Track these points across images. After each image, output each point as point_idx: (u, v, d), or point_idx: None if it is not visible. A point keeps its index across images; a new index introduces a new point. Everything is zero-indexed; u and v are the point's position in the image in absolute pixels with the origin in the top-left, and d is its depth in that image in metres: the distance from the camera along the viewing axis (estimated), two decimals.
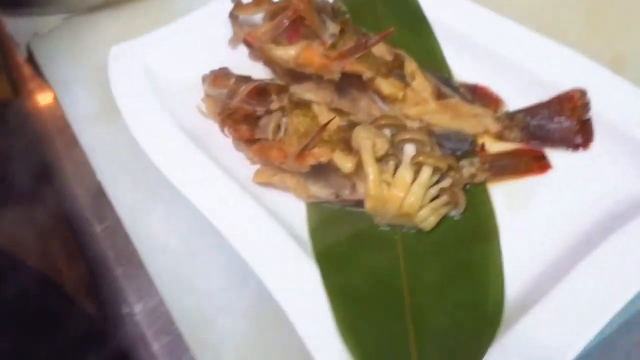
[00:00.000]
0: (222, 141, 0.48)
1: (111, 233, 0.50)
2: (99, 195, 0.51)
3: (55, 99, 0.59)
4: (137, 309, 0.46)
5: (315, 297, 0.38)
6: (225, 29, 0.54)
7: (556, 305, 0.35)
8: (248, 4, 0.51)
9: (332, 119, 0.41)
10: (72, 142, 0.55)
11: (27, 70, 0.63)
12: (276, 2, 0.49)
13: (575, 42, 0.50)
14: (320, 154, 0.40)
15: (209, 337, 0.41)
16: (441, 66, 0.50)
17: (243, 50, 0.53)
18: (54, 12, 0.63)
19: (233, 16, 0.52)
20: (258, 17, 0.52)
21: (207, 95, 0.49)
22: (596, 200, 0.41)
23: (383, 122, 0.41)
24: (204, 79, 0.49)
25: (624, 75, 0.46)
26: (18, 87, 0.64)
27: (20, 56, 0.64)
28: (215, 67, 0.52)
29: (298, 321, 0.36)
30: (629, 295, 0.34)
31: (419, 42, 0.51)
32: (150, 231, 0.47)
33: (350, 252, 0.41)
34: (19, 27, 0.65)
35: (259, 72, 0.52)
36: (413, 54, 0.49)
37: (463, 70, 0.49)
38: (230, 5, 0.53)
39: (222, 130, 0.45)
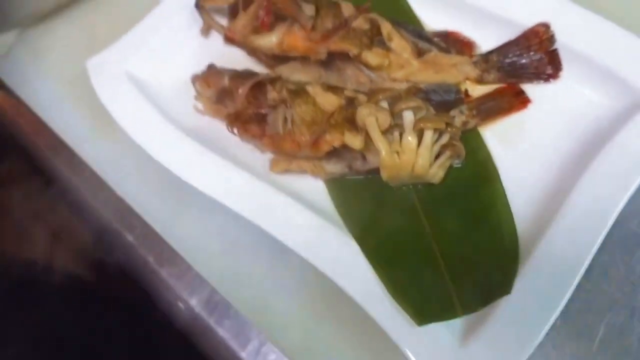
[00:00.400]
0: (226, 135, 0.50)
1: (145, 239, 0.53)
2: (121, 206, 0.54)
3: (37, 118, 0.59)
4: (192, 302, 0.51)
5: (358, 266, 0.43)
6: (194, 18, 0.54)
7: (562, 229, 0.41)
8: None
9: (335, 112, 0.44)
10: (74, 159, 0.57)
11: None
12: None
13: None
14: (332, 140, 0.44)
15: (272, 318, 0.47)
16: (410, 18, 0.53)
17: (216, 36, 0.55)
18: (5, 29, 0.61)
19: (200, 7, 0.52)
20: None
21: (201, 95, 0.50)
22: (575, 122, 0.47)
23: (380, 96, 0.45)
24: (194, 80, 0.51)
25: None
26: None
27: None
28: (194, 59, 0.54)
29: (351, 290, 0.42)
30: (623, 200, 0.41)
31: None
32: (185, 232, 0.51)
33: (376, 217, 0.46)
34: None
35: (239, 56, 0.54)
36: (383, 10, 0.52)
37: (430, 19, 0.53)
38: None
39: (231, 131, 0.48)
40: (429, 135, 0.44)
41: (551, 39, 0.47)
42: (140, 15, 0.56)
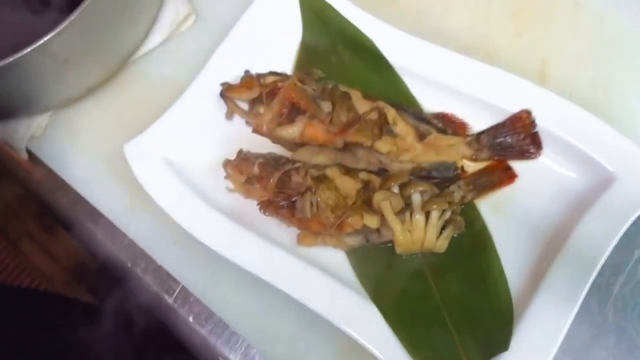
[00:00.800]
0: (255, 210, 0.57)
1: (184, 300, 0.60)
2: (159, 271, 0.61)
3: (74, 192, 0.65)
4: (231, 357, 0.58)
5: (379, 326, 0.51)
6: (220, 103, 0.61)
7: (549, 290, 0.50)
8: (238, 88, 0.58)
9: (354, 202, 0.52)
10: (114, 230, 0.63)
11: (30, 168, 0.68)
12: (265, 85, 0.57)
13: (508, 48, 0.63)
14: (354, 223, 0.52)
15: None
16: (410, 100, 0.60)
17: (240, 118, 0.62)
18: (40, 113, 0.67)
19: (225, 97, 0.59)
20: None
21: (232, 178, 0.58)
22: (556, 196, 0.55)
23: (392, 182, 0.53)
24: (225, 165, 0.57)
25: (552, 71, 0.60)
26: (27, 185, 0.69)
27: (22, 157, 0.68)
28: (222, 141, 0.61)
29: (373, 349, 0.50)
30: (598, 265, 0.50)
31: (386, 82, 0.61)
32: (220, 297, 0.59)
33: (391, 282, 0.54)
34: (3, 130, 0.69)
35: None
36: (384, 93, 0.59)
37: (428, 102, 0.60)
38: (213, 81, 0.60)
39: (264, 213, 0.55)
40: (435, 214, 0.52)
41: (533, 123, 0.56)
42: (163, 96, 0.63)
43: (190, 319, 0.60)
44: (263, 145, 0.60)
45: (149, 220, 0.62)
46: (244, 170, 0.56)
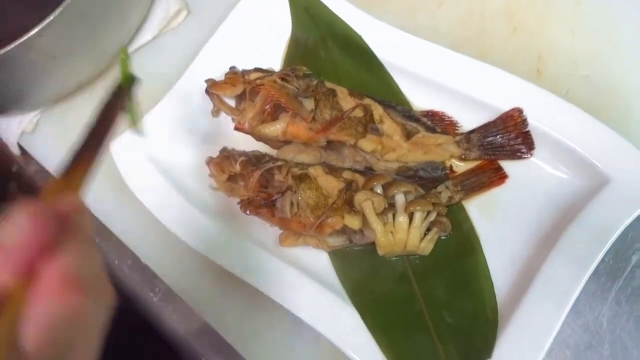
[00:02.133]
0: (238, 209, 0.57)
1: (168, 299, 0.60)
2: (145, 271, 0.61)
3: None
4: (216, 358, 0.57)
5: (358, 330, 0.50)
6: (206, 101, 0.60)
7: (536, 297, 0.48)
8: (223, 84, 0.57)
9: (335, 202, 0.50)
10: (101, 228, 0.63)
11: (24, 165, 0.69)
12: (249, 81, 0.56)
13: (503, 44, 0.61)
14: (334, 223, 0.51)
15: None
16: (399, 98, 0.59)
17: (226, 115, 0.61)
18: (32, 110, 0.67)
19: (210, 93, 0.58)
20: None
21: (215, 177, 0.57)
22: (547, 196, 0.53)
23: (375, 182, 0.51)
24: (208, 162, 0.57)
25: (547, 67, 0.57)
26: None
27: (14, 152, 0.68)
28: (208, 138, 0.60)
29: (352, 353, 0.49)
30: (591, 267, 0.47)
31: (376, 79, 0.59)
32: (209, 297, 0.58)
33: (373, 285, 0.53)
34: None
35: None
36: (373, 91, 0.58)
37: (418, 99, 0.59)
38: (199, 78, 0.59)
39: (244, 212, 0.54)
40: (418, 216, 0.50)
41: (524, 122, 0.53)
42: (153, 93, 0.62)
43: (175, 317, 0.59)
44: (250, 144, 0.59)
45: (135, 219, 0.62)
46: (226, 168, 0.55)
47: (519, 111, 0.54)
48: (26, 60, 0.57)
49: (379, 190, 0.51)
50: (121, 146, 0.59)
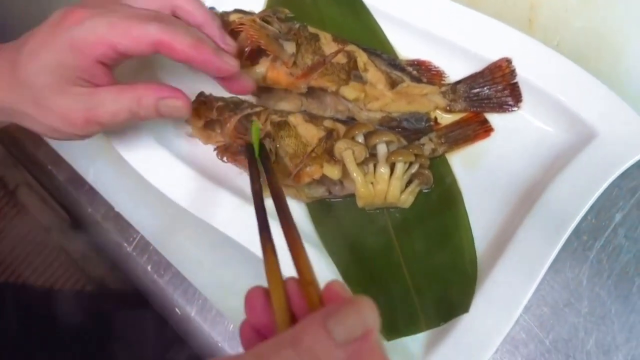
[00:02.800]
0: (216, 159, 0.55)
1: (142, 250, 0.58)
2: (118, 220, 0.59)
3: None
4: (188, 310, 0.56)
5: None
6: None
7: (516, 252, 0.47)
8: None
9: (315, 147, 0.49)
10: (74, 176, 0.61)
11: None
12: (228, 22, 0.53)
13: None
14: (312, 172, 0.49)
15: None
16: (385, 46, 0.56)
17: None
18: None
19: None
20: None
21: (191, 123, 0.54)
22: (532, 151, 0.52)
23: (356, 131, 0.49)
24: None
25: (540, 18, 0.55)
26: None
27: None
28: (187, 83, 0.58)
29: None
30: (570, 228, 0.47)
31: (362, 26, 0.57)
32: (178, 247, 0.56)
33: (351, 238, 0.51)
34: None
35: None
36: (359, 38, 0.55)
37: (404, 48, 0.56)
38: None
39: (221, 159, 0.52)
40: (400, 167, 0.49)
41: (513, 72, 0.52)
42: None
43: (149, 268, 0.58)
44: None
45: (109, 167, 0.60)
46: (203, 113, 0.53)
47: (508, 61, 0.52)
48: None
49: (360, 139, 0.49)
50: None
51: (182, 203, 0.52)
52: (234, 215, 0.51)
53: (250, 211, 0.51)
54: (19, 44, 0.44)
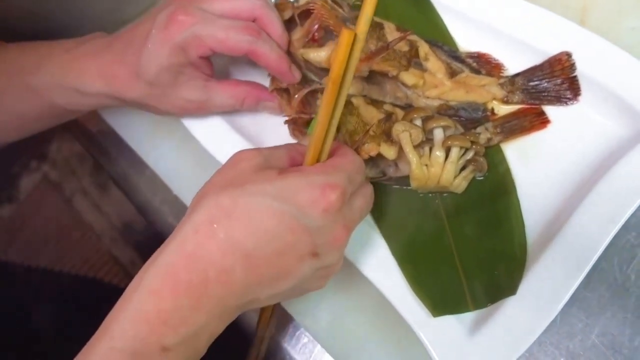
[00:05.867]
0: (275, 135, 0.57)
1: None
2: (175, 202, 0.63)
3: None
4: None
5: (386, 261, 0.50)
6: None
7: (566, 240, 0.47)
8: None
9: (374, 125, 0.51)
10: (137, 160, 0.65)
11: None
12: (298, 7, 0.56)
13: None
14: (370, 149, 0.51)
15: (303, 304, 0.55)
16: (446, 39, 0.58)
17: None
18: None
19: None
20: None
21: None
22: (589, 144, 0.52)
23: (414, 114, 0.51)
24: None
25: (592, 19, 0.56)
26: None
27: None
28: (251, 71, 0.61)
29: (378, 283, 0.49)
30: (620, 221, 0.47)
31: (424, 19, 0.59)
32: None
33: (404, 219, 0.53)
34: None
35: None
36: (421, 30, 0.57)
37: (465, 41, 0.58)
38: None
39: (292, 135, 0.55)
40: (455, 152, 0.50)
41: (572, 66, 0.52)
42: None
43: None
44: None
45: (168, 150, 0.64)
46: (275, 80, 0.56)
47: (568, 55, 0.52)
48: None
49: (418, 123, 0.51)
50: None
51: None
52: None
53: None
54: (124, 42, 0.53)
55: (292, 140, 0.56)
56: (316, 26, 0.53)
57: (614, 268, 0.51)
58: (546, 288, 0.46)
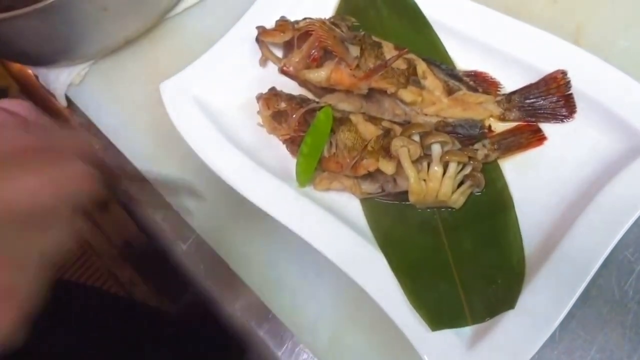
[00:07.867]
0: (278, 152, 0.58)
1: (196, 250, 0.61)
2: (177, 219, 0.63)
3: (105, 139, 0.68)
4: (236, 306, 0.58)
5: (384, 276, 0.50)
6: (254, 50, 0.62)
7: (564, 255, 0.48)
8: (272, 31, 0.59)
9: (371, 140, 0.52)
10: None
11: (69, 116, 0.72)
12: (298, 28, 0.57)
13: (542, 13, 0.62)
14: (368, 164, 0.52)
15: (303, 320, 0.55)
16: (444, 58, 0.59)
17: (273, 65, 0.62)
18: (81, 62, 0.70)
19: (260, 41, 0.60)
20: None
21: (261, 113, 0.58)
22: (584, 160, 0.53)
23: (413, 130, 0.52)
24: (258, 98, 0.58)
25: (586, 39, 0.58)
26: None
27: (60, 104, 0.71)
28: (254, 85, 0.62)
29: (376, 297, 0.49)
30: (618, 234, 0.47)
31: (422, 38, 0.60)
32: (233, 245, 0.59)
33: (402, 234, 0.53)
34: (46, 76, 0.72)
35: (293, 84, 0.61)
36: (419, 49, 0.58)
37: (462, 59, 0.59)
38: (251, 28, 0.61)
39: (288, 150, 0.56)
40: (453, 167, 0.51)
41: (568, 84, 0.54)
42: (197, 48, 0.63)
43: (202, 267, 0.60)
44: (293, 91, 0.60)
45: (175, 166, 0.64)
46: (272, 104, 0.57)
47: (563, 73, 0.54)
48: (79, 10, 0.59)
49: (416, 138, 0.52)
50: (170, 88, 0.61)
51: (238, 188, 0.55)
52: (290, 204, 0.54)
53: (305, 202, 0.54)
54: None
55: (291, 157, 0.57)
56: (315, 48, 0.54)
57: (612, 284, 0.51)
58: (545, 302, 0.46)
